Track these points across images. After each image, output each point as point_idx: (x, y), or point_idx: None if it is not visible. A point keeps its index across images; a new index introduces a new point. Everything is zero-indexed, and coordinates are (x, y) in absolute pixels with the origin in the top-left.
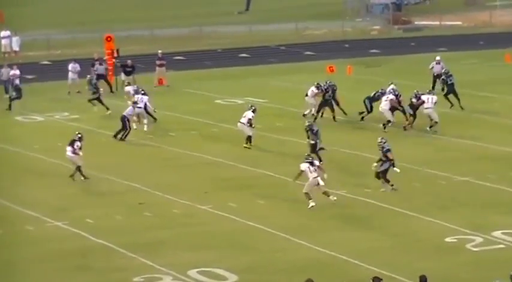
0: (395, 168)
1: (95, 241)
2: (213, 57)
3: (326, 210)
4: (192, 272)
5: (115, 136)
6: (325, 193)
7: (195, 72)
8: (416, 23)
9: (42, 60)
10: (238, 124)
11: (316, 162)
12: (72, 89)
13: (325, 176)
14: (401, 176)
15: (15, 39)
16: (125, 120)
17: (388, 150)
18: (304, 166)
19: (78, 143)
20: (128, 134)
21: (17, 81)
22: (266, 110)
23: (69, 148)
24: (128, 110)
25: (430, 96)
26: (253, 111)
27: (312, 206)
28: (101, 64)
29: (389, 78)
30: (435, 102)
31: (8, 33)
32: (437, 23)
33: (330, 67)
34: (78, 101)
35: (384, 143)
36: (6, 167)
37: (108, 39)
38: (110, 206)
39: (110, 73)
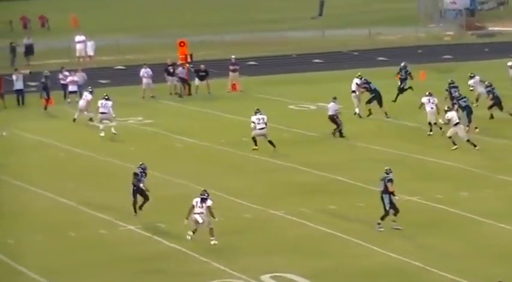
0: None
1: (168, 245)
2: (287, 62)
3: (399, 216)
4: (265, 277)
5: (333, 134)
6: (210, 232)
7: (268, 78)
8: (490, 28)
9: (116, 65)
10: (264, 130)
11: (209, 202)
12: (147, 93)
13: (211, 220)
14: (473, 182)
15: (90, 43)
16: (334, 118)
17: (390, 180)
18: (194, 200)
19: None
20: (341, 129)
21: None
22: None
23: None
24: (331, 106)
25: None
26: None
27: (190, 238)
28: (183, 67)
29: (462, 84)
30: None
31: (83, 38)
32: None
33: None
34: (152, 106)
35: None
36: (81, 171)
37: (182, 44)
38: (182, 210)
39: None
